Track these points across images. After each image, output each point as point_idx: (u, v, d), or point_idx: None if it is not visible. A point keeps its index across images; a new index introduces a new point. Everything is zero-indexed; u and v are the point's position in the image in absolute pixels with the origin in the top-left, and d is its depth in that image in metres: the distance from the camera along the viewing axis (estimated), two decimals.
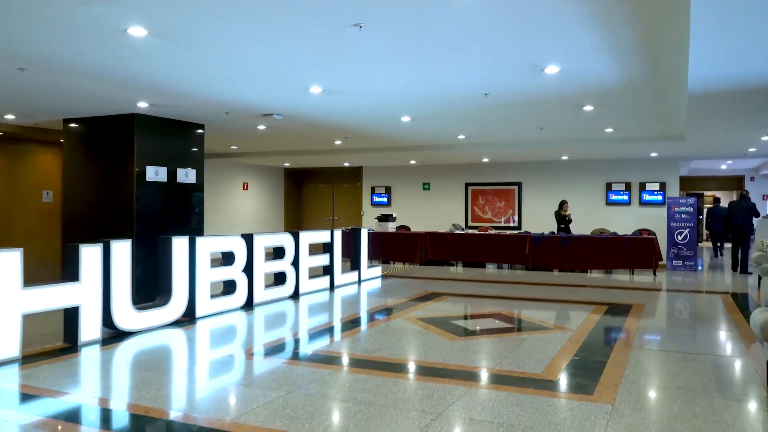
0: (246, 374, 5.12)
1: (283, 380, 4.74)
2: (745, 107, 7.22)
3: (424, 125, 9.90)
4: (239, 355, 5.70)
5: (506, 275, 12.32)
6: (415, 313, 7.70)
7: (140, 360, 5.58)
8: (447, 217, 15.93)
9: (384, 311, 8.12)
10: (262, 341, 6.45)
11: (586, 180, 14.69)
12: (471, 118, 9.26)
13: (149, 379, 4.81)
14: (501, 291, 9.91)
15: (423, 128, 10.24)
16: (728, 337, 6.43)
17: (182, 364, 5.39)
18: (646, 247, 12.12)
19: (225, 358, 5.56)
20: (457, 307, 8.33)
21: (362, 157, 14.93)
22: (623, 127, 10.00)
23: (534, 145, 12.12)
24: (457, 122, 9.64)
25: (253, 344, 6.28)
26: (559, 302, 8.78)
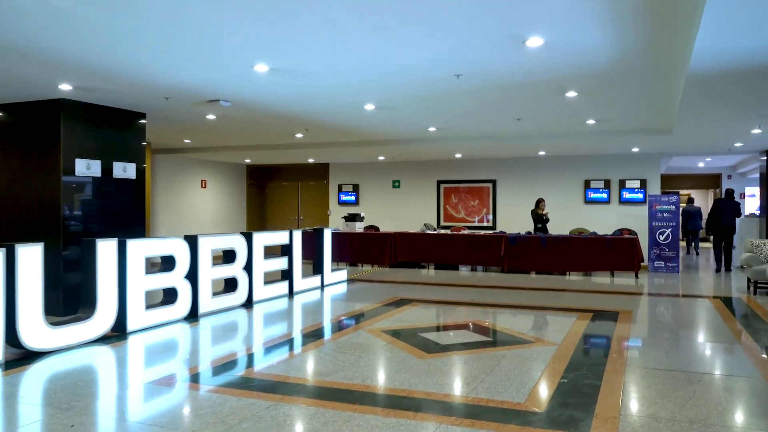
0: (164, 410, 4.17)
1: (209, 416, 3.81)
2: (746, 91, 6.49)
3: (390, 115, 9.03)
4: (163, 381, 4.74)
5: (481, 278, 11.53)
6: (380, 324, 6.83)
7: (45, 388, 4.59)
8: (418, 217, 15.09)
9: (346, 322, 7.23)
10: (195, 362, 5.50)
11: (564, 177, 13.98)
12: (442, 107, 8.42)
13: (36, 417, 3.84)
14: (476, 296, 9.09)
15: (390, 118, 9.37)
16: (731, 351, 5.68)
17: (89, 395, 4.42)
18: (628, 248, 11.43)
19: (144, 387, 4.61)
20: (427, 316, 7.47)
21: (328, 153, 14.01)
22: (607, 119, 9.26)
23: (510, 139, 11.35)
24: (426, 111, 8.79)
25: (185, 365, 5.32)
26: (539, 309, 7.99)
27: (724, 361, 5.37)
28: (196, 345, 6.24)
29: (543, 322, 7.13)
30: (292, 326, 7.08)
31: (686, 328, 6.82)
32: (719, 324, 6.90)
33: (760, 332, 6.51)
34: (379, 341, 5.97)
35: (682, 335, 6.37)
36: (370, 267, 13.37)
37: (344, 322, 7.22)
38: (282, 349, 5.87)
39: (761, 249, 9.45)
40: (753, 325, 6.92)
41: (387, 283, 10.75)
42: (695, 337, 6.36)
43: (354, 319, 7.32)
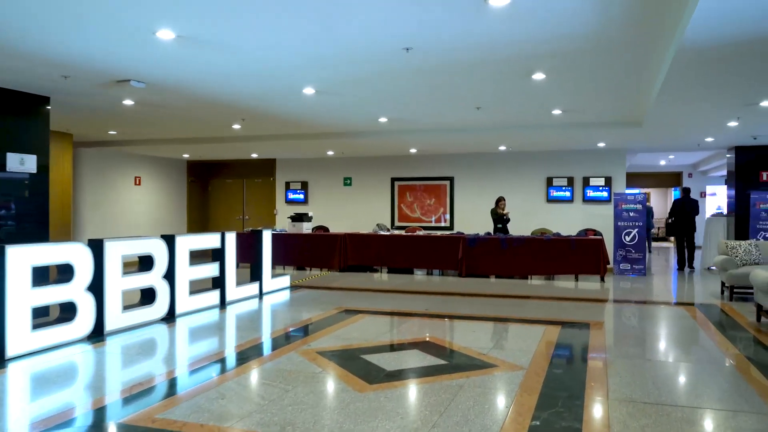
0: None
1: None
2: (741, 69, 5.69)
3: (334, 102, 8.01)
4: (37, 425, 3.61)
5: (437, 284, 10.60)
6: (318, 343, 5.80)
7: None
8: (371, 217, 14.11)
9: (278, 340, 6.16)
10: (72, 401, 4.36)
11: (525, 174, 13.18)
12: (391, 92, 7.44)
13: None
14: (431, 305, 8.14)
15: (334, 106, 8.35)
16: (729, 376, 4.84)
17: None
18: (594, 250, 10.66)
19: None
20: (374, 332, 6.46)
21: (272, 148, 12.89)
22: (575, 109, 8.43)
23: (469, 132, 10.45)
24: (375, 98, 7.81)
25: (51, 409, 4.18)
26: (501, 321, 7.07)
27: (724, 391, 4.52)
28: (87, 373, 5.09)
29: (506, 337, 6.21)
30: (214, 347, 5.98)
31: (668, 346, 5.99)
32: (704, 339, 6.10)
33: (750, 349, 5.73)
34: (313, 367, 4.94)
35: (666, 355, 5.52)
36: (319, 271, 12.32)
37: (275, 341, 6.16)
38: (191, 380, 4.78)
39: (736, 251, 8.76)
40: (741, 339, 6.14)
41: (333, 290, 9.72)
42: (681, 357, 5.52)
43: (288, 337, 6.26)
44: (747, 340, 6.07)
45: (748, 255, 8.70)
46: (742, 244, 8.83)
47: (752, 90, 6.45)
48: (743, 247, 8.77)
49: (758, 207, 11.10)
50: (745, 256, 8.69)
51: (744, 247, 8.77)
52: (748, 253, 8.71)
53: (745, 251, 8.73)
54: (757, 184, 11.70)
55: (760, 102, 6.96)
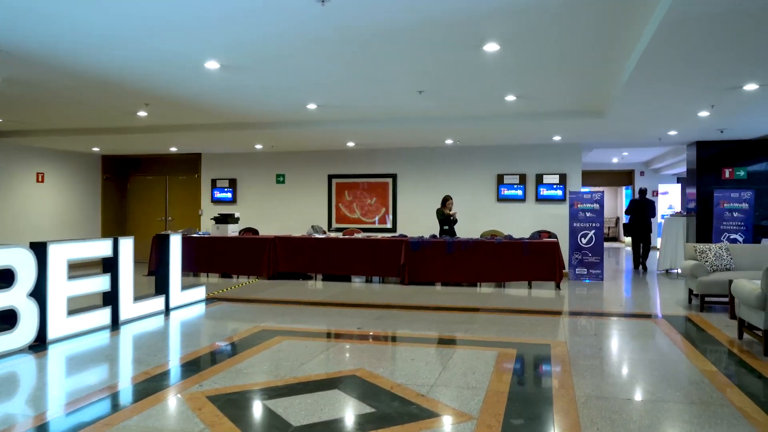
0: None
1: None
2: (728, 47, 4.68)
3: (246, 81, 6.69)
4: None
5: (376, 294, 9.40)
6: (214, 381, 4.52)
7: None
8: (307, 218, 12.80)
9: (163, 377, 4.82)
10: None
11: (474, 171, 12.11)
12: (313, 68, 6.19)
13: None
14: (366, 322, 6.92)
15: (248, 87, 7.03)
16: (730, 419, 3.78)
17: None
18: (549, 254, 9.66)
19: None
20: (291, 362, 5.19)
21: (191, 140, 11.42)
22: (531, 95, 7.35)
23: (411, 123, 9.28)
24: (295, 76, 6.54)
25: None
26: (446, 343, 5.91)
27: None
28: None
29: (452, 367, 5.04)
30: (81, 386, 4.59)
31: (648, 378, 4.92)
32: (687, 369, 5.07)
33: (745, 379, 4.73)
34: (196, 422, 3.65)
35: (651, 393, 4.45)
36: (247, 279, 10.96)
37: (159, 378, 4.81)
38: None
39: (706, 255, 7.87)
40: (729, 366, 5.15)
41: (256, 304, 8.39)
42: (668, 396, 4.45)
43: (179, 372, 4.93)
44: (736, 365, 5.08)
45: (719, 260, 7.82)
46: (713, 247, 7.94)
47: (739, 70, 5.48)
48: (714, 251, 7.89)
49: (722, 206, 10.32)
50: (716, 261, 7.81)
51: (714, 251, 7.89)
52: (719, 258, 7.83)
53: (716, 256, 7.84)
54: (719, 181, 10.95)
55: (744, 85, 6.01)
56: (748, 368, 4.96)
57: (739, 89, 6.18)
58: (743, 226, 10.19)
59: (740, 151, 10.87)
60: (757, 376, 4.74)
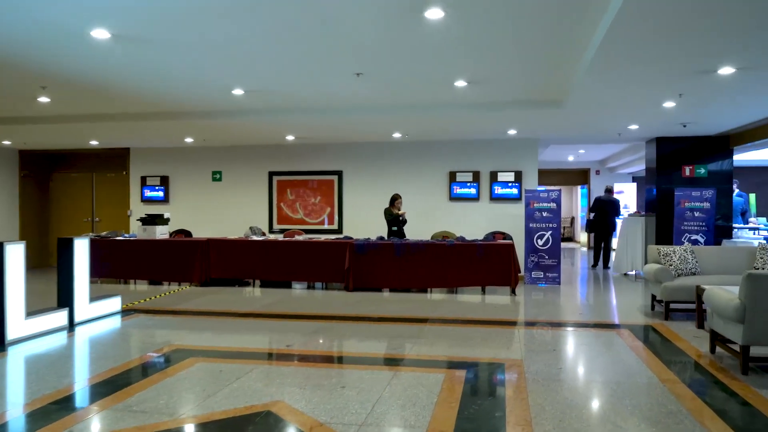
0: None
1: None
2: (705, 23, 4.00)
3: (147, 56, 5.74)
4: None
5: (317, 302, 8.54)
6: (92, 422, 3.60)
7: None
8: (247, 218, 11.86)
9: (34, 416, 3.87)
10: None
11: (425, 168, 11.37)
12: (227, 42, 5.30)
13: None
14: (299, 337, 6.06)
15: (153, 66, 6.08)
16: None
17: None
18: (503, 257, 8.98)
19: None
20: (194, 397, 4.29)
21: (112, 132, 10.32)
22: (483, 79, 6.61)
23: (352, 113, 8.46)
24: (206, 51, 5.63)
25: None
26: (386, 366, 5.10)
27: None
28: None
29: (389, 399, 4.24)
30: None
31: (617, 408, 4.21)
32: (660, 392, 4.38)
33: (721, 402, 4.06)
34: None
35: (617, 426, 3.73)
36: (178, 286, 9.97)
37: (28, 418, 3.86)
38: None
39: (671, 259, 7.28)
40: (705, 387, 4.49)
41: (179, 316, 7.44)
42: (641, 425, 3.74)
43: (47, 413, 3.98)
44: (713, 387, 4.42)
45: (684, 263, 7.24)
46: (677, 250, 7.36)
47: (715, 49, 4.83)
48: (678, 254, 7.31)
49: (683, 206, 9.82)
50: (681, 265, 7.23)
51: (679, 254, 7.31)
52: (684, 261, 7.25)
53: (681, 259, 7.26)
54: (680, 179, 10.46)
55: (719, 68, 5.39)
56: (728, 391, 4.31)
57: (712, 74, 5.56)
58: (704, 227, 9.72)
59: (701, 147, 10.42)
60: (740, 402, 4.09)
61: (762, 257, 7.16)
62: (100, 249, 10.04)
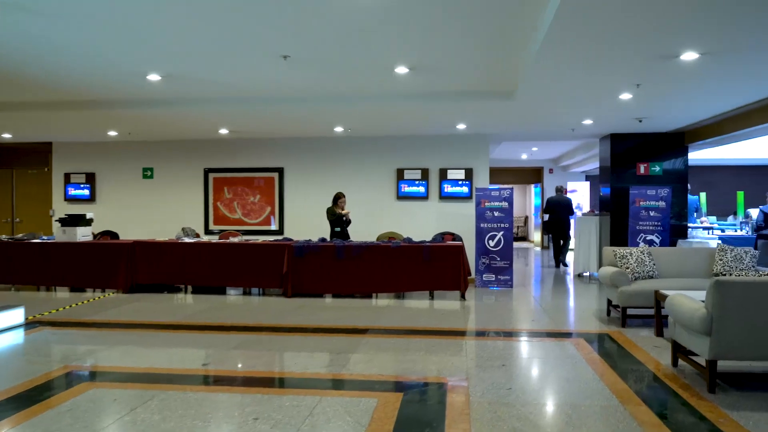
0: None
1: None
2: (651, 6, 3.48)
3: (35, 28, 4.94)
4: None
5: (250, 310, 7.81)
6: None
7: None
8: (182, 219, 11.02)
9: None
10: None
11: (371, 165, 10.74)
12: (128, 16, 4.55)
13: None
14: (218, 354, 5.34)
15: (45, 41, 5.27)
16: None
17: None
18: (452, 259, 8.42)
19: None
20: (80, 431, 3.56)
21: (24, 122, 9.36)
22: (426, 64, 5.99)
23: (285, 103, 7.77)
24: (106, 26, 4.86)
25: None
26: (311, 389, 4.43)
27: None
28: None
29: (314, 430, 3.58)
30: None
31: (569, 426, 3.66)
32: (621, 417, 3.85)
33: (689, 428, 3.55)
34: None
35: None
36: (102, 293, 9.09)
37: None
38: None
39: (627, 261, 6.83)
40: (671, 410, 3.98)
41: (88, 329, 6.61)
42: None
43: None
44: (680, 410, 3.91)
45: (642, 266, 6.80)
46: (634, 252, 6.91)
47: (679, 28, 4.32)
48: (635, 256, 6.86)
49: (638, 204, 9.44)
50: (638, 268, 6.78)
51: (636, 256, 6.86)
52: (641, 264, 6.81)
53: (638, 261, 6.82)
54: (634, 178, 10.10)
55: (681, 53, 4.90)
56: (697, 415, 3.80)
57: (674, 60, 5.07)
58: (660, 227, 9.36)
59: (655, 145, 10.08)
60: (709, 429, 3.57)
61: (721, 259, 6.78)
62: (14, 253, 9.09)
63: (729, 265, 6.69)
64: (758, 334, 4.10)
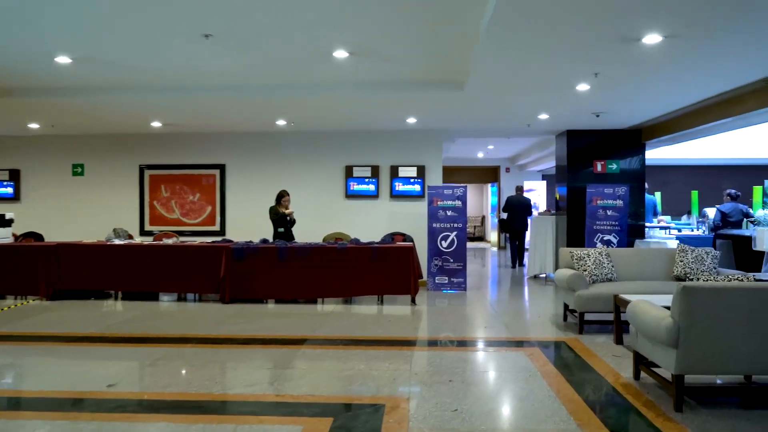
0: None
1: None
2: None
3: None
4: None
5: (183, 318, 7.15)
6: None
7: None
8: (116, 219, 10.22)
9: None
10: None
11: (318, 162, 10.14)
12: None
13: None
14: (130, 371, 4.70)
15: None
16: None
17: None
18: (402, 261, 7.91)
19: None
20: None
21: None
22: (368, 50, 5.45)
23: (214, 92, 7.13)
24: None
25: None
26: (229, 416, 3.83)
27: None
28: None
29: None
30: None
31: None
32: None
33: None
34: None
35: None
36: (23, 300, 8.30)
37: None
38: None
39: (585, 263, 6.42)
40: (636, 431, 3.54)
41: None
42: None
43: None
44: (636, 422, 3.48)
45: (600, 268, 6.40)
46: (592, 253, 6.51)
47: (640, 7, 3.88)
48: (593, 257, 6.46)
49: (595, 204, 9.10)
50: (596, 270, 6.38)
51: (594, 257, 6.46)
52: (599, 266, 6.41)
53: (596, 263, 6.42)
54: (591, 176, 9.75)
55: (643, 36, 4.47)
56: None
57: (635, 43, 4.64)
58: (617, 226, 9.03)
59: (613, 142, 9.76)
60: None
61: (682, 260, 6.43)
62: None
63: (690, 266, 6.35)
64: (730, 345, 3.69)
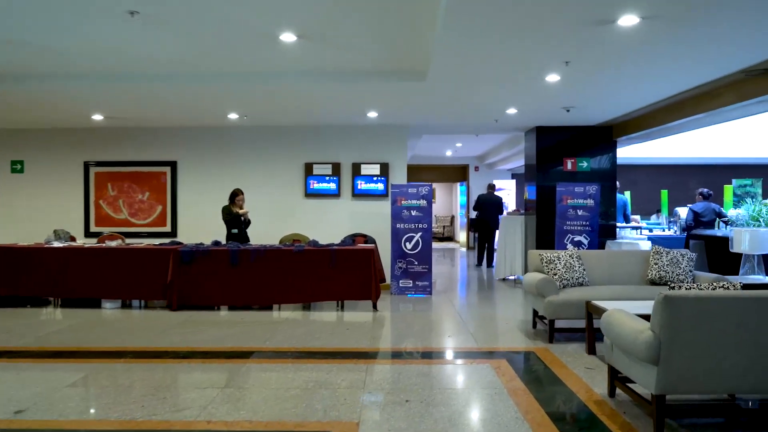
0: None
1: None
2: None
3: None
4: None
5: (125, 327, 6.56)
6: None
7: None
8: (59, 219, 9.52)
9: None
10: None
11: (276, 159, 9.58)
12: None
13: None
14: (44, 395, 4.12)
15: None
16: None
17: None
18: (362, 264, 7.44)
19: None
20: None
21: None
22: (319, 33, 4.95)
23: (152, 81, 6.55)
24: None
25: None
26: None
27: None
28: None
29: None
30: None
31: None
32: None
33: None
34: None
35: None
36: None
37: None
38: None
39: (555, 266, 6.02)
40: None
41: None
42: None
43: None
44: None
45: (571, 272, 6.01)
46: (562, 256, 6.11)
47: None
48: (564, 260, 6.06)
49: (565, 203, 8.74)
50: (566, 274, 5.98)
51: (565, 260, 6.06)
52: (570, 270, 6.01)
53: (567, 267, 6.02)
54: (561, 174, 9.40)
55: (619, 17, 4.06)
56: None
57: (610, 25, 4.22)
58: (588, 227, 8.68)
59: (583, 139, 9.42)
60: None
61: (656, 263, 6.08)
62: None
63: (665, 269, 6.00)
64: (717, 362, 3.29)
